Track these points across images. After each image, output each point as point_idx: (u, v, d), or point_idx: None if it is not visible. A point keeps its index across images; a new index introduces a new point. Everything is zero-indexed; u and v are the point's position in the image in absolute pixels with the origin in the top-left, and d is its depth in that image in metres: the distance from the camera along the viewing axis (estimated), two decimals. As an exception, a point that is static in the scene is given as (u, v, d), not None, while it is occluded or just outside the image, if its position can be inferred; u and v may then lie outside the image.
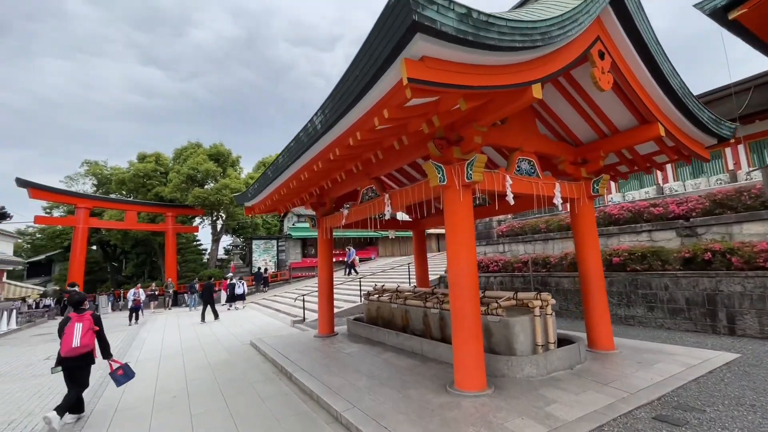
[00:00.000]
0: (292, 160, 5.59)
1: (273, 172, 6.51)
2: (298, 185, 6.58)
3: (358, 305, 12.63)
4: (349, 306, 12.65)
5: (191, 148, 29.40)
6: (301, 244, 28.87)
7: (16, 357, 9.19)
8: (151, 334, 11.37)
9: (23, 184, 20.20)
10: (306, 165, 5.63)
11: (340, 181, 7.18)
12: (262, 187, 7.61)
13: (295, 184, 6.44)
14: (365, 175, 6.96)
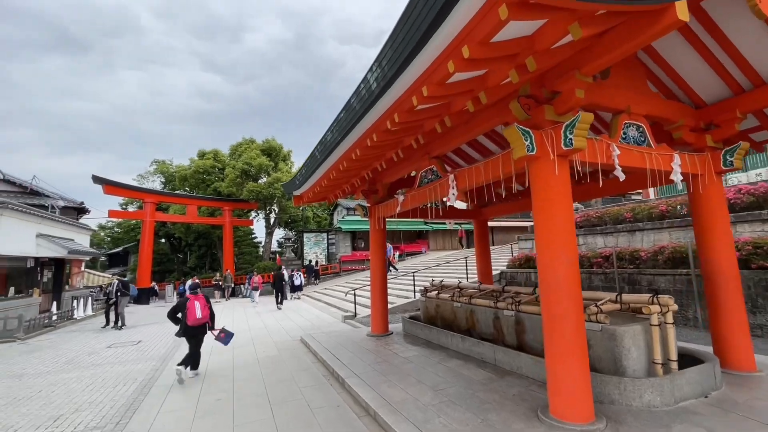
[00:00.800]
0: (341, 134, 4.82)
1: (321, 151, 5.80)
2: (348, 167, 5.82)
3: (411, 301, 11.79)
4: (402, 302, 11.84)
5: (245, 144, 30.27)
6: (351, 237, 28.64)
7: (84, 343, 9.52)
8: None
9: (98, 181, 21.81)
10: (358, 141, 4.83)
11: (396, 161, 6.33)
12: (309, 171, 6.97)
13: (346, 165, 5.68)
14: (424, 155, 6.04)
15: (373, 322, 8.18)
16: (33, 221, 13.14)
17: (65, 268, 15.75)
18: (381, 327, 8.05)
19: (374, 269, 8.35)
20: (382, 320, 8.08)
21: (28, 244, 12.78)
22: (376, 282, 8.26)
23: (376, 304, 8.15)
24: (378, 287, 8.21)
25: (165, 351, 8.13)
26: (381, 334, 7.96)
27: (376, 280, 8.27)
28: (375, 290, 8.24)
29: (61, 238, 14.68)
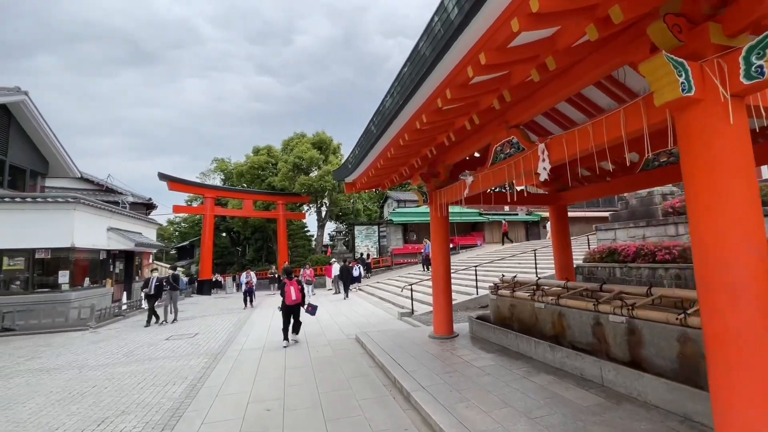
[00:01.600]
0: (405, 95, 3.90)
1: (378, 123, 4.94)
2: (410, 139, 4.91)
3: (473, 298, 10.68)
4: (464, 299, 10.77)
5: (296, 138, 30.56)
6: (402, 230, 27.84)
7: (145, 334, 9.64)
8: (261, 318, 11.20)
9: (163, 178, 23.01)
10: (427, 101, 3.89)
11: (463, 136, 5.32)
12: (363, 152, 6.17)
13: (408, 137, 4.78)
14: (501, 124, 4.97)
15: (436, 322, 7.25)
16: (104, 216, 13.88)
17: (135, 260, 16.67)
18: (445, 328, 7.10)
19: (436, 263, 7.40)
20: (445, 320, 7.13)
21: (100, 237, 13.52)
22: (438, 277, 7.30)
23: (439, 302, 7.21)
24: (441, 283, 7.25)
25: (218, 346, 7.86)
26: (445, 335, 7.02)
27: (438, 275, 7.32)
28: (437, 286, 7.30)
29: (129, 232, 15.46)
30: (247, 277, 14.52)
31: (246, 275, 14.77)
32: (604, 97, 5.59)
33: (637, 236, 10.70)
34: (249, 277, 14.52)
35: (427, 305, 11.10)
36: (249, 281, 14.27)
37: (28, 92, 13.54)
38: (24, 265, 11.62)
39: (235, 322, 10.80)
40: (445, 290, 7.23)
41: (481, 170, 5.63)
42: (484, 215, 28.87)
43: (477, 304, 10.59)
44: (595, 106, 5.93)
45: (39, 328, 10.70)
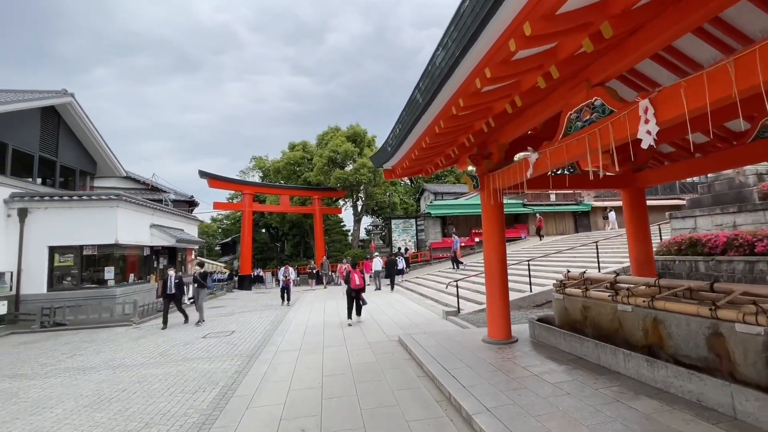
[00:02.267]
0: (462, 44, 3.05)
1: (425, 90, 4.10)
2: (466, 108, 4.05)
3: (527, 296, 9.61)
4: (516, 297, 9.70)
5: (331, 132, 30.27)
6: (441, 223, 26.77)
7: (184, 331, 9.47)
8: (299, 316, 10.77)
9: (204, 175, 23.47)
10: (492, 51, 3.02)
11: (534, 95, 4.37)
12: (405, 130, 5.37)
13: (464, 104, 3.92)
14: (579, 83, 3.98)
15: (491, 324, 6.35)
16: (146, 213, 14.10)
17: (178, 256, 16.99)
18: (502, 331, 6.19)
19: (490, 258, 6.48)
20: (503, 322, 6.21)
21: (143, 233, 13.75)
22: (493, 273, 6.39)
23: (494, 302, 6.30)
24: (497, 280, 6.33)
25: (253, 346, 7.42)
26: (502, 340, 6.11)
27: (493, 271, 6.39)
28: (492, 284, 6.38)
29: (171, 228, 15.71)
30: (284, 273, 13.82)
31: (284, 270, 14.09)
32: (704, 48, 4.39)
33: (725, 224, 9.12)
34: (287, 272, 13.76)
35: (474, 303, 10.17)
36: (286, 277, 13.51)
37: (74, 94, 13.96)
38: (73, 261, 11.95)
39: (272, 319, 10.44)
40: (502, 288, 6.31)
41: (549, 145, 4.66)
42: (528, 206, 27.14)
43: (531, 302, 9.52)
44: (690, 61, 4.73)
45: (87, 323, 10.93)
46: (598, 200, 28.51)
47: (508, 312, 6.30)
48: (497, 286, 6.30)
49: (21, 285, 11.38)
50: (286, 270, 14.10)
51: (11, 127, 12.08)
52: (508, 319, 6.27)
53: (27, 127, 12.76)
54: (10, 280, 11.18)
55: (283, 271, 14.15)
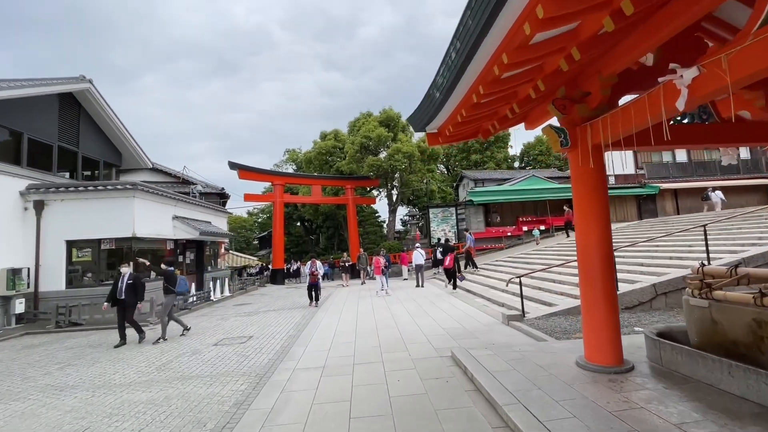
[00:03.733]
0: None
1: None
2: (546, 20, 2.16)
3: (613, 296, 7.45)
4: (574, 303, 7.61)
5: (363, 119, 28.69)
6: (483, 212, 24.48)
7: (194, 338, 8.23)
8: (326, 320, 9.28)
9: (234, 166, 22.71)
10: None
11: None
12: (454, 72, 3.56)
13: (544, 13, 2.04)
14: None
15: (591, 341, 4.41)
16: (168, 204, 13.23)
17: (206, 250, 16.17)
18: (609, 353, 4.24)
19: (587, 244, 4.50)
20: (610, 340, 4.26)
21: (164, 225, 12.88)
22: (593, 266, 4.41)
23: (596, 309, 4.35)
24: (598, 276, 4.36)
25: (268, 360, 5.96)
26: (611, 366, 4.17)
27: (592, 262, 4.41)
28: (591, 282, 4.42)
29: (196, 221, 14.84)
30: (311, 267, 11.73)
31: (311, 265, 11.93)
32: None
33: None
34: (314, 266, 11.70)
35: (540, 305, 8.19)
36: (313, 272, 11.55)
37: (92, 80, 13.24)
38: (91, 256, 11.19)
39: (297, 322, 9.01)
40: (607, 290, 4.34)
41: (729, 47, 2.66)
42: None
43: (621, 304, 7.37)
44: None
45: (103, 323, 10.07)
46: (666, 181, 24.95)
47: (618, 326, 4.34)
48: (600, 286, 4.33)
49: (39, 282, 10.74)
50: (312, 264, 12.01)
51: (27, 116, 11.44)
52: (618, 335, 4.31)
53: (44, 116, 12.13)
54: (27, 277, 10.55)
55: (310, 266, 12.08)
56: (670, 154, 26.26)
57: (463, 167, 38.12)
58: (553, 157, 40.15)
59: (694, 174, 25.77)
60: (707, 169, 25.94)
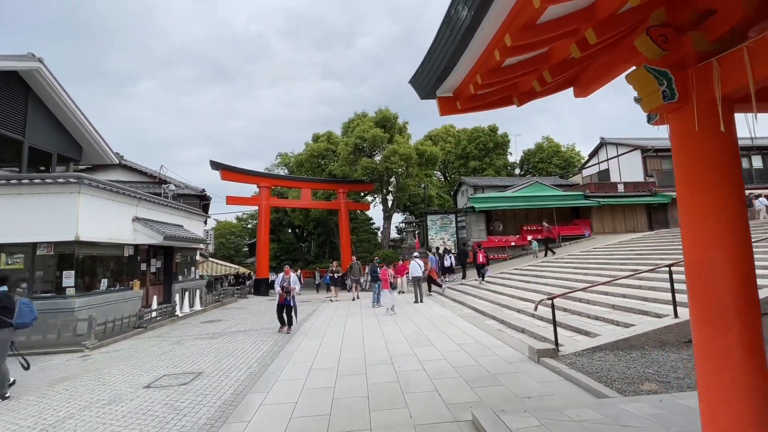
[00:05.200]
0: None
1: None
2: None
3: (670, 324, 5.74)
4: (651, 326, 5.92)
5: (357, 119, 27.09)
6: (485, 219, 22.84)
7: (128, 373, 6.37)
8: (304, 345, 7.47)
9: (216, 166, 20.92)
10: None
11: None
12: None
13: None
14: None
15: (720, 421, 2.65)
16: (127, 203, 11.39)
17: (175, 257, 14.28)
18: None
19: (703, 262, 2.73)
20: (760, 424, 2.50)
21: (121, 228, 11.04)
22: (720, 299, 2.65)
23: (729, 372, 2.58)
24: (732, 318, 2.61)
25: (208, 418, 4.16)
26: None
27: (718, 292, 2.65)
28: (716, 324, 2.65)
29: (163, 224, 13.00)
30: (282, 281, 8.76)
31: (282, 277, 8.84)
32: None
33: None
34: (286, 280, 8.71)
35: (573, 333, 6.46)
36: (285, 289, 8.62)
37: (42, 59, 11.46)
38: (24, 263, 9.29)
39: (265, 351, 7.17)
40: (749, 339, 2.60)
41: None
42: (592, 198, 22.65)
43: (682, 336, 5.66)
44: None
45: (35, 346, 8.15)
46: (678, 190, 23.51)
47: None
48: (736, 329, 2.58)
49: (-44, 294, 8.79)
50: (285, 277, 8.84)
51: (-45, 96, 9.62)
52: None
53: (-21, 98, 10.31)
54: (-60, 288, 8.61)
55: (281, 279, 8.91)
56: (681, 162, 24.92)
57: (460, 174, 36.66)
58: (553, 165, 38.90)
59: (707, 183, 24.40)
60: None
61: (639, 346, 5.57)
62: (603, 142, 27.93)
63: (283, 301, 8.82)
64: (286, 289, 8.72)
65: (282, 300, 8.84)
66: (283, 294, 8.75)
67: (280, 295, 8.84)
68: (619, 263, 11.46)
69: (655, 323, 5.85)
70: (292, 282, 8.78)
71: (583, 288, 6.57)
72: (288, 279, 8.79)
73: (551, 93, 4.12)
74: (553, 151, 39.87)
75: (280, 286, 8.78)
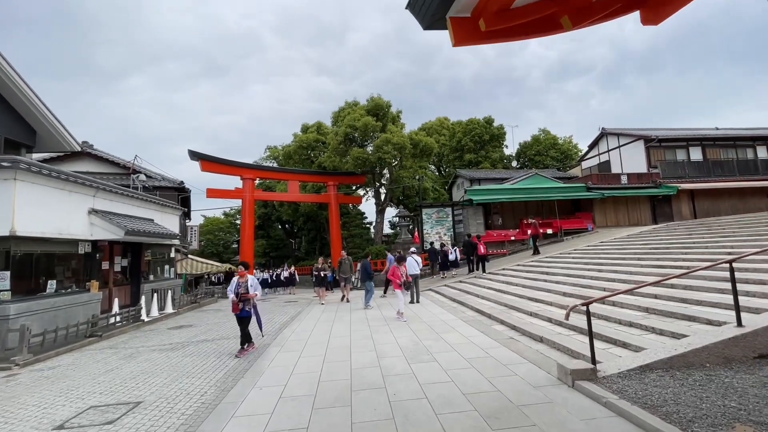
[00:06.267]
0: None
1: None
2: None
3: (734, 336, 4.55)
4: (710, 339, 4.73)
5: (348, 108, 25.65)
6: (483, 212, 21.67)
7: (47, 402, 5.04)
8: (278, 361, 6.20)
9: (194, 156, 19.43)
10: None
11: None
12: None
13: None
14: None
15: None
16: (82, 192, 9.96)
17: (144, 254, 12.84)
18: None
19: None
20: None
21: (74, 221, 9.62)
22: None
23: None
24: None
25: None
26: None
27: None
28: None
29: (128, 217, 11.57)
30: (236, 286, 6.60)
31: (236, 283, 6.66)
32: None
33: None
34: (242, 285, 6.59)
35: (610, 346, 5.26)
36: (239, 293, 6.51)
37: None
38: (-51, 263, 7.85)
39: (226, 372, 5.84)
40: None
41: None
42: (594, 189, 21.58)
43: (749, 349, 4.48)
44: None
45: (-49, 362, 6.75)
46: (683, 181, 22.60)
47: None
48: None
49: None
50: (240, 281, 6.66)
51: None
52: None
53: None
54: None
55: (234, 284, 6.68)
56: (685, 152, 24.00)
57: (455, 168, 35.50)
58: (550, 157, 37.92)
59: (711, 174, 23.52)
60: (725, 169, 23.74)
61: (699, 364, 4.38)
62: (604, 132, 26.88)
63: (238, 311, 6.54)
64: (241, 296, 6.52)
65: (236, 310, 6.56)
66: (238, 303, 6.51)
67: (234, 304, 6.57)
68: (634, 258, 10.35)
69: (716, 334, 4.67)
70: (250, 286, 6.67)
71: (626, 290, 5.34)
72: (244, 283, 6.64)
73: (613, 16, 2.86)
74: (550, 143, 38.86)
75: (234, 293, 6.55)
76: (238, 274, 6.91)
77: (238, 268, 7.08)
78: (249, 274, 7.10)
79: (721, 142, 24.32)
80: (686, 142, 24.04)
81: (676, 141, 23.91)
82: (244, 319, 6.66)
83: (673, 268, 8.18)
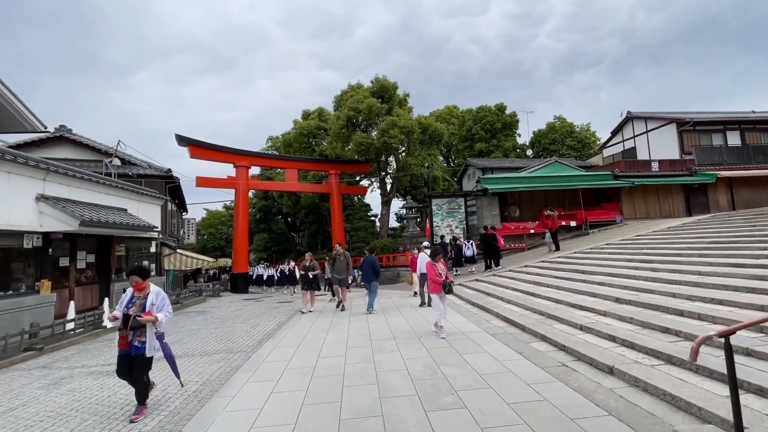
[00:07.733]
0: None
1: None
2: None
3: None
4: None
5: (351, 91, 23.78)
6: (498, 203, 19.78)
7: None
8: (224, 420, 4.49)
9: (182, 141, 17.80)
10: None
11: None
12: None
13: None
14: None
15: None
16: (29, 175, 8.35)
17: (114, 248, 11.25)
18: None
19: None
20: None
21: (18, 210, 8.02)
22: None
23: None
24: None
25: None
26: None
27: None
28: None
29: (90, 205, 9.97)
30: (127, 303, 4.00)
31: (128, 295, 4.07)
32: None
33: None
34: (130, 302, 4.00)
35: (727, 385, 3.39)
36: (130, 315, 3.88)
37: None
38: None
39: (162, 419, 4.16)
40: None
41: None
42: (622, 177, 19.55)
43: None
44: None
45: None
46: (720, 169, 20.43)
47: None
48: None
49: None
50: (136, 296, 4.04)
51: None
52: None
53: None
54: None
55: (127, 299, 4.04)
56: (722, 137, 21.79)
57: (465, 158, 33.54)
58: (566, 146, 35.74)
59: (752, 160, 21.30)
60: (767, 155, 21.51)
61: None
62: (629, 116, 24.72)
63: (127, 348, 3.94)
64: (132, 323, 3.89)
65: (124, 346, 3.96)
66: (126, 334, 3.94)
67: (121, 337, 3.97)
68: (694, 254, 8.48)
69: None
70: (150, 305, 3.98)
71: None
72: (142, 301, 3.98)
73: None
74: (567, 131, 36.64)
75: (122, 314, 3.93)
76: (134, 285, 4.05)
77: (130, 278, 4.10)
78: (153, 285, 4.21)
79: (762, 126, 22.06)
80: (723, 126, 21.82)
81: (712, 124, 21.70)
82: (139, 362, 3.95)
83: (764, 267, 6.30)
